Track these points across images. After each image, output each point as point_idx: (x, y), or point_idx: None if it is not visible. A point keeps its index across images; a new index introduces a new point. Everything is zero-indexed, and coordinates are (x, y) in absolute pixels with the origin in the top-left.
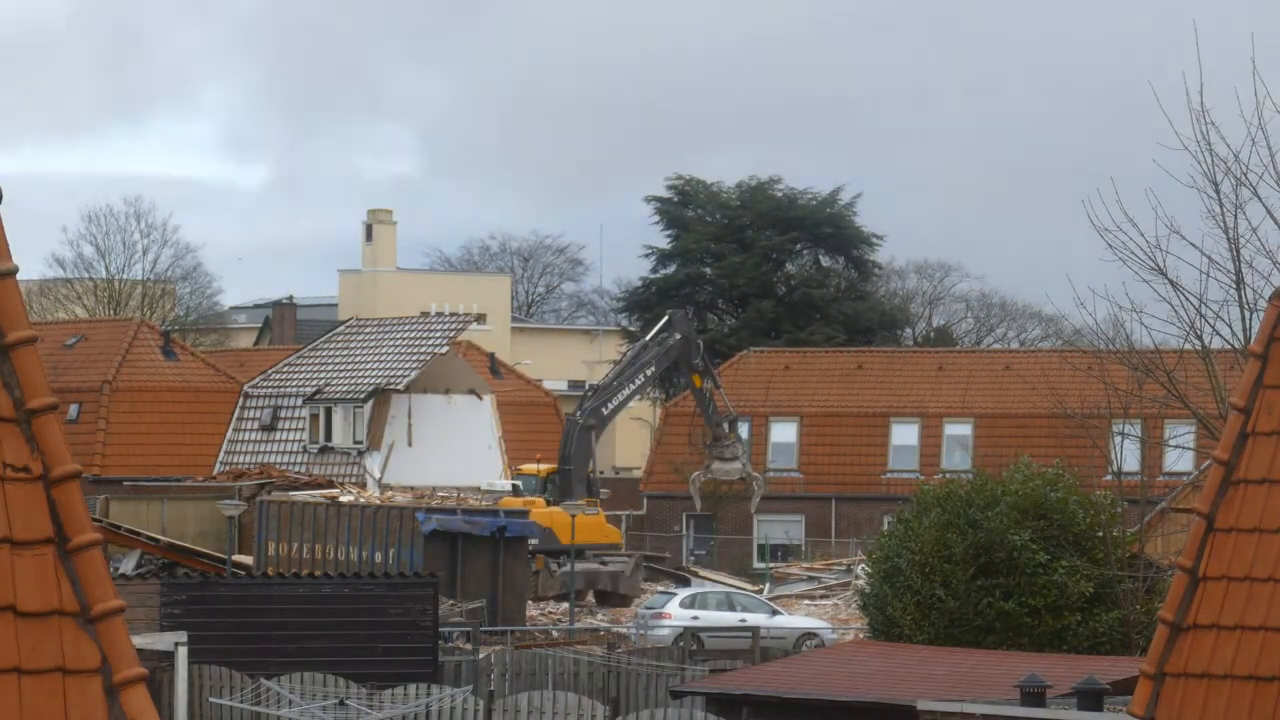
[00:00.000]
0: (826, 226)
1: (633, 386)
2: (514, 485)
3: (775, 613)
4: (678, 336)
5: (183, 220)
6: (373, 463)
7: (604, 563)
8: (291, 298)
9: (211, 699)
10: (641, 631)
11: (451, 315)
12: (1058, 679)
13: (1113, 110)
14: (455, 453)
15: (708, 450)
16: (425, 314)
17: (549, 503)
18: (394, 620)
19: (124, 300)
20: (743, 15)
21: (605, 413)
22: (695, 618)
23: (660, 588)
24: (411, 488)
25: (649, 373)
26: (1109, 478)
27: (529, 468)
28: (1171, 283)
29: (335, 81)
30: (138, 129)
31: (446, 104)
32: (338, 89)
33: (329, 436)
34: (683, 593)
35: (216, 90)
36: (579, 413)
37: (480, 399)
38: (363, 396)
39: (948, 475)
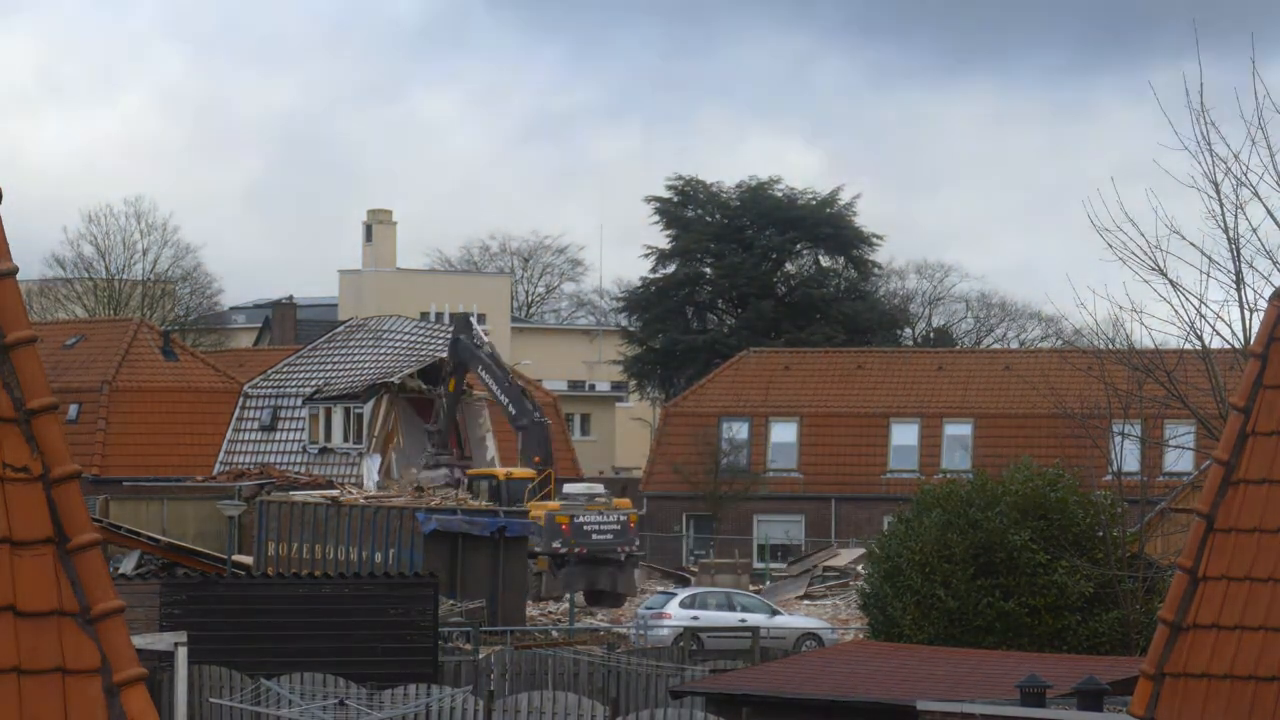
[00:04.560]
0: (826, 226)
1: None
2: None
3: (775, 613)
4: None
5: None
6: (372, 463)
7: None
8: (291, 298)
9: (211, 699)
10: (641, 631)
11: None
12: (1058, 679)
13: None
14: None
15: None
16: (425, 314)
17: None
18: (394, 620)
19: (124, 300)
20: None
21: None
22: (695, 618)
23: (660, 588)
24: (416, 485)
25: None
26: (1109, 478)
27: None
28: (1171, 283)
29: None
30: None
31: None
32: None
33: (329, 437)
34: (683, 593)
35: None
36: (537, 413)
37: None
38: (362, 397)
39: (948, 475)
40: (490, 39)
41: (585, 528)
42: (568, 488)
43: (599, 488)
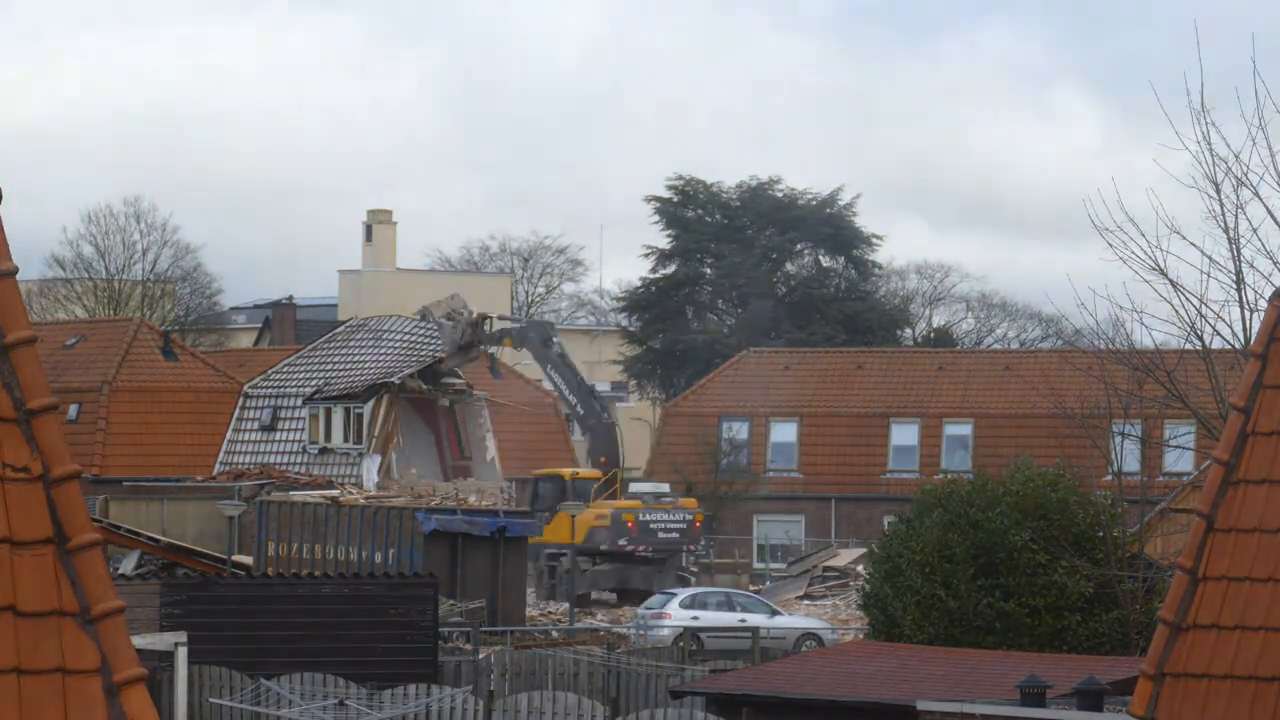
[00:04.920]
0: (826, 226)
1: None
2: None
3: (775, 613)
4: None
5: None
6: (372, 463)
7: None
8: (291, 298)
9: (211, 699)
10: (641, 632)
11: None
12: (1058, 679)
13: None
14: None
15: None
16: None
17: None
18: (394, 620)
19: (124, 300)
20: None
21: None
22: (695, 618)
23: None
24: (411, 487)
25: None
26: (1109, 478)
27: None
28: (1172, 283)
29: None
30: None
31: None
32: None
33: (329, 437)
34: (683, 593)
35: None
36: (605, 414)
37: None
38: (362, 397)
39: (948, 475)
40: None
41: (652, 526)
42: (633, 487)
43: (665, 486)
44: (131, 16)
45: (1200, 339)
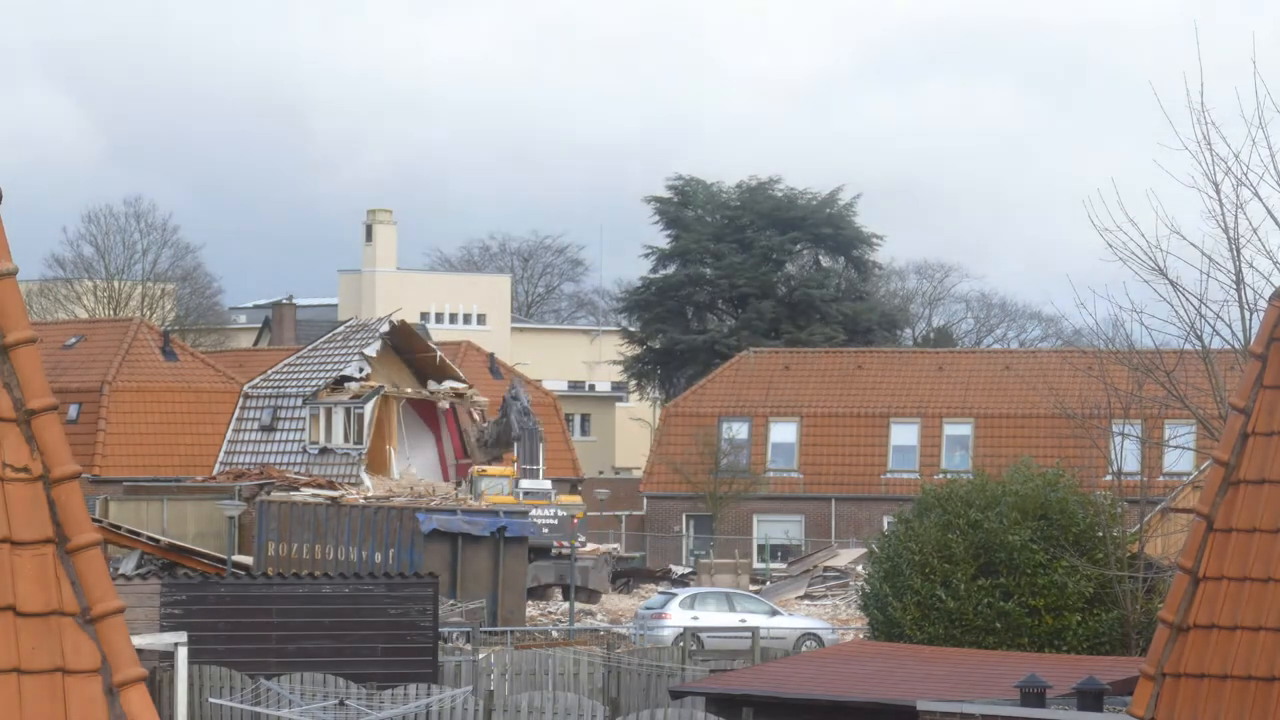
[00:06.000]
0: (826, 226)
1: None
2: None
3: (775, 613)
4: None
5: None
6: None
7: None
8: (291, 298)
9: (211, 699)
10: (641, 632)
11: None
12: (1058, 679)
13: None
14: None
15: None
16: (425, 314)
17: None
18: (394, 620)
19: (124, 301)
20: None
21: None
22: (695, 618)
23: (660, 588)
24: (411, 487)
25: None
26: (1109, 478)
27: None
28: (1171, 283)
29: None
30: None
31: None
32: None
33: (329, 437)
34: (683, 593)
35: None
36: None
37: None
38: (362, 397)
39: (948, 475)
40: None
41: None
42: (524, 484)
43: (548, 484)
44: None
45: (1200, 339)
